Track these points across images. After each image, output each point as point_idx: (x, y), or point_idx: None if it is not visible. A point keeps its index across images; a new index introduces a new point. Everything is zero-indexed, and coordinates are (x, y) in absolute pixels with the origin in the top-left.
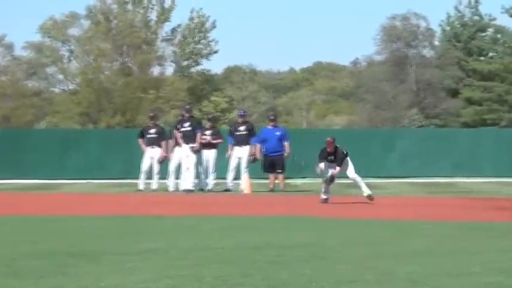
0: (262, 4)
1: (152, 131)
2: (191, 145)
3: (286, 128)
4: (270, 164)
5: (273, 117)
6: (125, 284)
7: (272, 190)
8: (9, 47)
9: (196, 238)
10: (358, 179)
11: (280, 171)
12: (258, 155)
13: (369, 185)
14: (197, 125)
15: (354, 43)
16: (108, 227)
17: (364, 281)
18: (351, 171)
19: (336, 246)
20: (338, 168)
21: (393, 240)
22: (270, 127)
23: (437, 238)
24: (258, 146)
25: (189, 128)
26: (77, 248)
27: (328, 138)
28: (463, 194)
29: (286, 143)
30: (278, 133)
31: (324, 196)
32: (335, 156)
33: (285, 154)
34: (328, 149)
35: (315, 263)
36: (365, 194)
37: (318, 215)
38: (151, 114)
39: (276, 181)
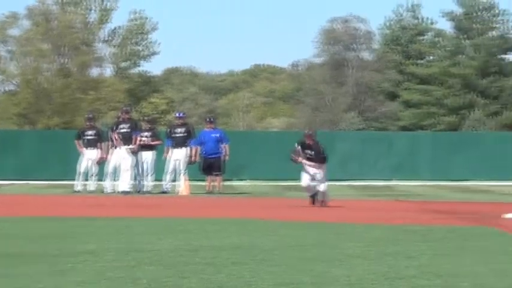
0: (203, 6)
1: (89, 132)
2: (128, 146)
3: (225, 130)
4: (208, 166)
5: (210, 120)
6: (62, 285)
7: (210, 192)
8: None
9: (133, 240)
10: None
11: (218, 173)
12: (197, 157)
13: (301, 187)
14: (135, 127)
15: (293, 46)
16: (45, 228)
17: (302, 283)
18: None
19: (274, 248)
20: (319, 171)
21: (330, 243)
22: (208, 129)
23: (374, 241)
24: (197, 148)
25: (127, 130)
26: (14, 249)
27: (307, 131)
28: (400, 197)
29: (225, 145)
30: (216, 135)
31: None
32: (314, 151)
33: (225, 157)
34: (308, 142)
35: (253, 265)
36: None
37: (256, 217)
38: (88, 116)
39: (214, 183)
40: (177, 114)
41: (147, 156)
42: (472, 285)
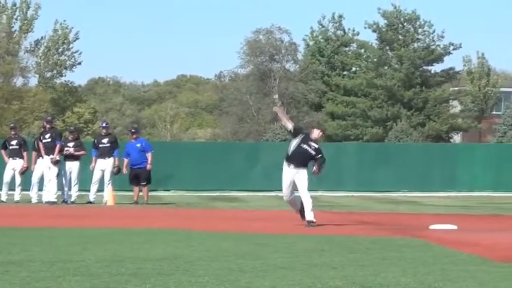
0: (127, 16)
1: (14, 142)
2: (51, 156)
3: (148, 139)
4: (134, 176)
5: (133, 130)
6: None
7: (136, 202)
8: None
9: (58, 250)
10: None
11: (144, 183)
12: (125, 170)
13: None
14: (57, 136)
15: (218, 57)
16: None
17: None
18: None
19: (198, 259)
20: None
21: (255, 254)
22: (132, 140)
23: (299, 252)
24: (126, 160)
25: (49, 140)
26: None
27: (320, 126)
28: (325, 207)
29: (148, 154)
30: (139, 145)
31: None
32: (316, 148)
33: (148, 165)
34: (313, 136)
35: (178, 276)
36: (306, 218)
37: (181, 228)
38: (11, 125)
39: (141, 193)
40: (102, 124)
41: (72, 167)
42: None
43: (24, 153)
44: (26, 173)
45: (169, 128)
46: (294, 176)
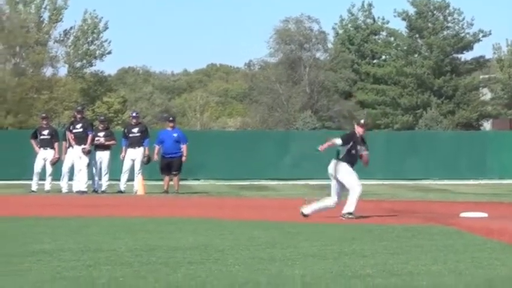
0: (156, 6)
1: (45, 132)
2: (82, 147)
3: (186, 130)
4: (166, 165)
5: (171, 119)
6: (20, 285)
7: (166, 192)
8: None
9: (89, 240)
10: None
11: (175, 172)
12: (156, 157)
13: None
14: (88, 126)
15: (247, 45)
16: (1, 228)
17: (257, 283)
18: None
19: (229, 248)
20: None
21: (286, 243)
22: (168, 129)
23: (329, 240)
24: (157, 147)
25: (80, 130)
26: None
27: (363, 120)
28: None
29: (183, 146)
30: (175, 135)
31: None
32: (366, 145)
33: (183, 157)
34: (359, 133)
35: (208, 265)
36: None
37: (212, 217)
38: (43, 115)
39: (171, 183)
40: (132, 114)
41: (103, 156)
42: (430, 285)
43: (55, 144)
44: (56, 163)
45: (199, 117)
46: None
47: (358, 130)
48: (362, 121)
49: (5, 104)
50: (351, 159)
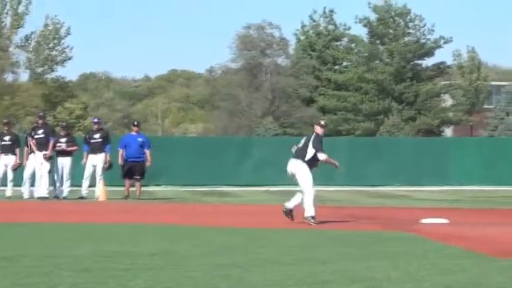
0: (118, 11)
1: (6, 138)
2: (44, 152)
3: (148, 135)
4: (129, 169)
5: (136, 123)
6: None
7: (127, 197)
8: None
9: (50, 246)
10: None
11: (138, 177)
12: (120, 160)
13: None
14: (50, 132)
15: (209, 51)
16: None
17: None
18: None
19: (190, 254)
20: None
21: (246, 248)
22: (133, 133)
23: (290, 246)
24: (121, 150)
25: (42, 135)
26: None
27: (323, 122)
28: (316, 202)
29: (147, 151)
30: (140, 139)
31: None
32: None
33: (147, 162)
34: (320, 133)
35: (170, 270)
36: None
37: (173, 223)
38: (5, 121)
39: (133, 188)
40: (94, 120)
41: (64, 162)
42: None
43: (17, 150)
44: (18, 169)
45: (160, 123)
46: None
47: (320, 131)
48: (323, 122)
49: None
50: (314, 162)
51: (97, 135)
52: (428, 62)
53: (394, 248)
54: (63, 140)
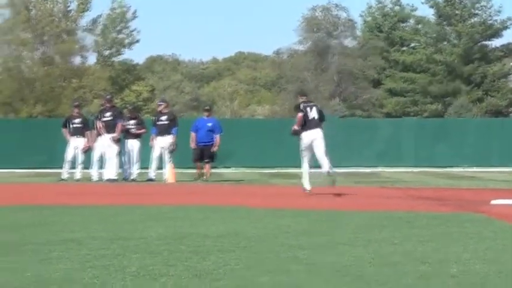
0: None
1: (76, 120)
2: (112, 135)
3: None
4: (199, 153)
5: (208, 108)
6: (49, 273)
7: (198, 179)
8: None
9: (119, 228)
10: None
11: (207, 160)
12: (192, 144)
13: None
14: (118, 115)
15: (276, 33)
16: (29, 216)
17: (288, 271)
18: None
19: (259, 236)
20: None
21: (315, 230)
22: (204, 117)
23: (359, 228)
24: (192, 134)
25: (110, 118)
26: None
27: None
28: (385, 183)
29: (217, 135)
30: (210, 124)
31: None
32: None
33: (215, 147)
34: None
35: (239, 252)
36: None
37: (242, 205)
38: (76, 104)
39: (203, 170)
40: (159, 102)
41: (133, 145)
42: (459, 272)
43: (87, 132)
44: (87, 152)
45: (229, 105)
46: None
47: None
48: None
49: (34, 93)
50: None
51: (164, 118)
52: (496, 43)
53: (463, 229)
54: (132, 122)
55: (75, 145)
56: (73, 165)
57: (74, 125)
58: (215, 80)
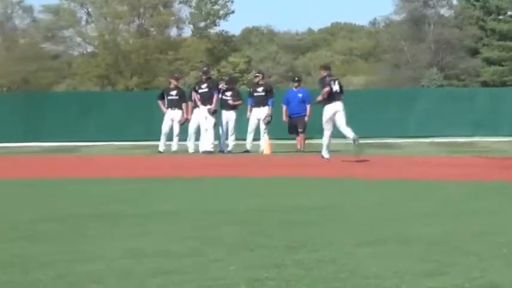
0: None
1: (173, 92)
2: (208, 107)
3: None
4: (292, 125)
5: (297, 79)
6: (147, 246)
7: (299, 151)
8: (28, 10)
9: (216, 200)
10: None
11: (300, 130)
12: (284, 117)
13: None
14: (214, 87)
15: (371, 3)
16: (127, 189)
17: (384, 242)
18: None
19: (354, 206)
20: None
21: (410, 201)
22: (294, 89)
23: (455, 198)
24: (284, 107)
25: (206, 90)
26: (97, 210)
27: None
28: (482, 153)
29: (308, 105)
30: (300, 95)
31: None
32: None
33: (306, 117)
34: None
35: (334, 223)
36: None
37: (334, 176)
38: (175, 75)
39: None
40: (255, 73)
41: (229, 116)
42: None
43: (183, 104)
44: (184, 124)
45: None
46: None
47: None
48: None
49: (130, 65)
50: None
51: (260, 89)
52: None
53: None
54: (228, 93)
55: (172, 117)
56: (170, 137)
57: (170, 97)
58: (311, 51)
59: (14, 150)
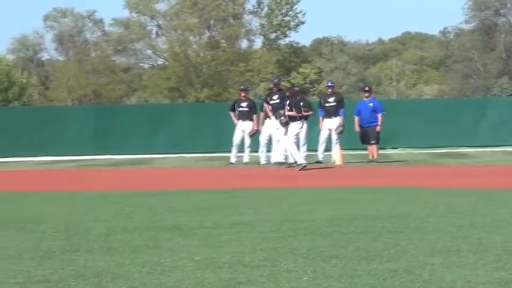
0: None
1: (244, 104)
2: (280, 118)
3: (379, 99)
4: (364, 135)
5: (367, 89)
6: (219, 257)
7: (371, 161)
8: (99, 23)
9: (288, 210)
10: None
11: (373, 142)
12: (356, 127)
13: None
14: (285, 98)
15: (442, 12)
16: (199, 200)
17: (459, 250)
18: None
19: (428, 216)
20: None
21: (485, 210)
22: (365, 99)
23: None
24: (356, 118)
25: (277, 101)
26: (169, 222)
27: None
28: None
29: (379, 115)
30: (371, 104)
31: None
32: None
33: (378, 127)
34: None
35: (408, 233)
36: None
37: (410, 185)
38: (242, 87)
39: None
40: (328, 83)
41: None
42: None
43: (254, 116)
44: (255, 135)
45: (395, 85)
46: None
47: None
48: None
49: (200, 77)
50: None
51: (331, 99)
52: None
53: None
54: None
55: (243, 128)
56: (241, 149)
57: (241, 109)
58: (381, 60)
59: (85, 163)
